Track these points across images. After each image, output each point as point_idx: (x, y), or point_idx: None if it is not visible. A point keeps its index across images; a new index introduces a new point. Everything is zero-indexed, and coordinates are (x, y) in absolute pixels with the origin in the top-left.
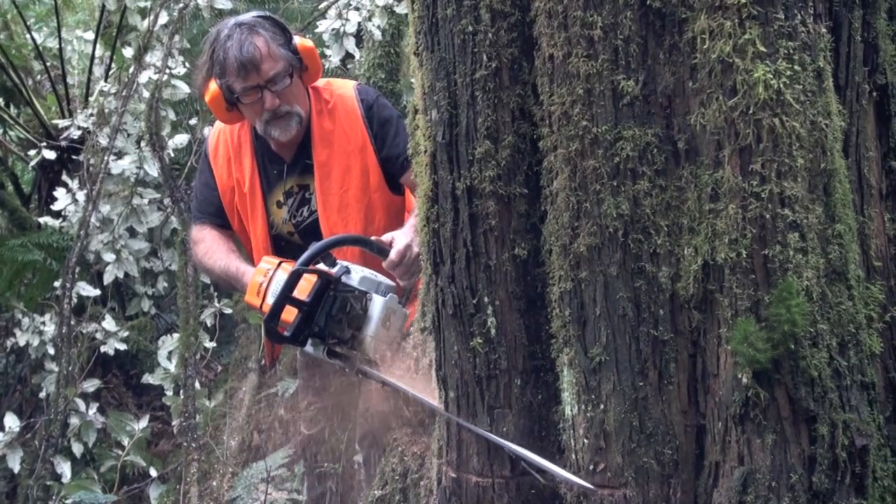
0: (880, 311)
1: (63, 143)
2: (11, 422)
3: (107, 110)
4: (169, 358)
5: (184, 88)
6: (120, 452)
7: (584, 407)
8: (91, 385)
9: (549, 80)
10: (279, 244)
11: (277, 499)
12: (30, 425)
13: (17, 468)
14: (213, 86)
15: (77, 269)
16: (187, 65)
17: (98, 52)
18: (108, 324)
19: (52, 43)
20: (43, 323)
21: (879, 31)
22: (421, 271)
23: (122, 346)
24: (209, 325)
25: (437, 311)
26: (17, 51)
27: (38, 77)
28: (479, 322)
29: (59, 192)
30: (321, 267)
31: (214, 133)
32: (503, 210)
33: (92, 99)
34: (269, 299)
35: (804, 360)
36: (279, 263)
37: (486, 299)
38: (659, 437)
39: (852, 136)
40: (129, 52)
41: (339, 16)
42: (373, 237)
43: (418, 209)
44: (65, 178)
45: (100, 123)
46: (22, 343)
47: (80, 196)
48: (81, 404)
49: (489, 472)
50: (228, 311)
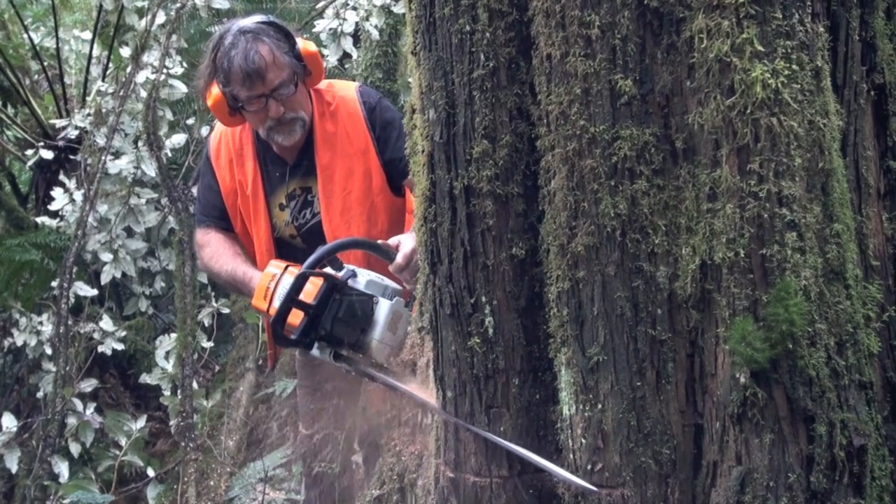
0: (878, 310)
1: (60, 143)
2: (9, 422)
3: (104, 110)
4: (166, 358)
5: (181, 88)
6: (117, 452)
7: (581, 407)
8: (88, 385)
9: (546, 80)
10: (281, 247)
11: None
12: (27, 425)
13: (14, 468)
14: (215, 90)
15: (74, 269)
16: (185, 64)
17: (95, 52)
18: (106, 324)
19: (50, 43)
20: (40, 323)
21: (877, 31)
22: None
23: (120, 346)
24: (206, 324)
25: (435, 311)
26: (15, 50)
27: (36, 77)
28: (476, 322)
29: (57, 192)
30: (328, 270)
31: (216, 135)
32: (501, 209)
33: (89, 99)
34: (275, 303)
35: (802, 359)
36: (286, 267)
37: (484, 299)
38: (657, 436)
39: (850, 136)
40: (126, 51)
41: (337, 15)
42: (379, 241)
43: (416, 209)
44: (62, 177)
45: (97, 123)
46: (19, 343)
47: (78, 196)
48: (79, 404)
49: (487, 471)
50: (226, 310)
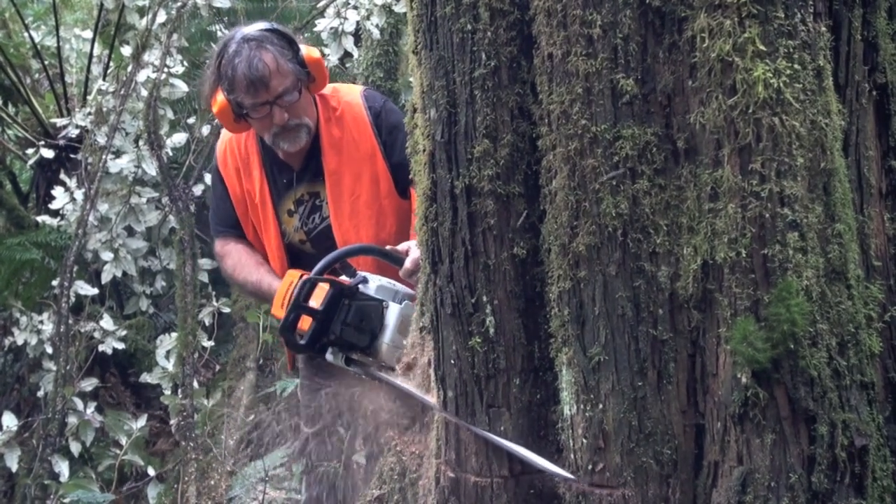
0: (880, 310)
1: (61, 142)
2: (9, 421)
3: (105, 109)
4: (167, 357)
5: (182, 87)
6: (118, 451)
7: (582, 406)
8: (89, 384)
9: (548, 79)
10: (292, 253)
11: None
12: (28, 424)
13: (14, 467)
14: (220, 97)
15: (75, 268)
16: (185, 63)
17: (96, 51)
18: (106, 323)
19: (51, 41)
20: (41, 322)
21: (879, 30)
22: None
23: (120, 345)
24: (207, 324)
25: (436, 311)
26: (16, 49)
27: (37, 76)
28: (477, 321)
29: (58, 191)
30: (342, 278)
31: (221, 144)
32: (502, 209)
33: (90, 98)
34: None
35: (804, 359)
36: (301, 275)
37: (485, 298)
38: (658, 436)
39: (852, 135)
40: (127, 50)
41: (338, 14)
42: (388, 247)
43: (417, 208)
44: (63, 176)
45: (98, 122)
46: (20, 342)
47: (79, 195)
48: (79, 403)
49: (488, 471)
50: (226, 310)
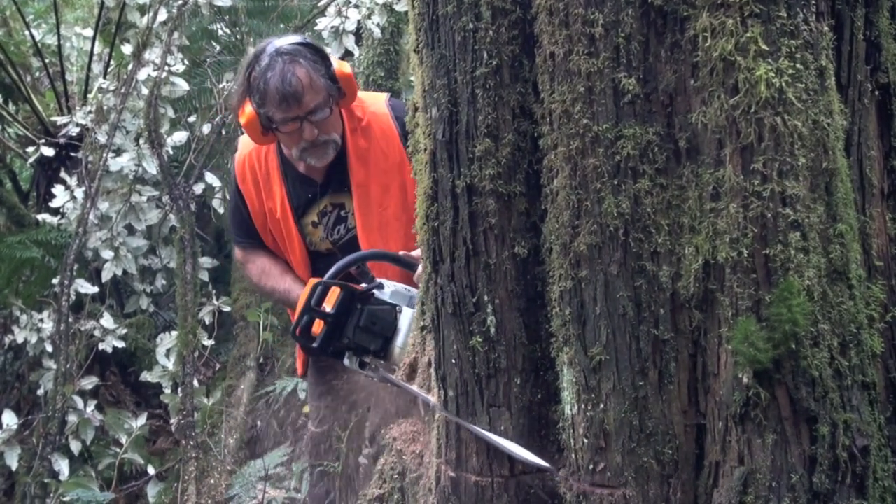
0: (881, 310)
1: (62, 141)
2: (9, 419)
3: (105, 107)
4: (167, 356)
5: (183, 86)
6: (118, 450)
7: (583, 406)
8: (89, 383)
9: (549, 78)
10: (318, 259)
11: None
12: (28, 423)
13: (14, 465)
14: (248, 109)
15: (75, 267)
16: (186, 62)
17: (97, 49)
18: (107, 321)
19: (51, 40)
20: (41, 320)
21: (882, 30)
22: None
23: (121, 344)
24: (207, 322)
25: (437, 310)
26: (16, 48)
27: (37, 74)
28: (478, 321)
29: (58, 190)
30: (364, 284)
31: (240, 157)
32: (503, 208)
33: (91, 96)
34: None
35: (805, 359)
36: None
37: (486, 298)
38: (659, 436)
39: (854, 135)
40: (128, 49)
41: (339, 13)
42: (401, 252)
43: (418, 207)
44: (63, 175)
45: (98, 120)
46: (20, 340)
47: (79, 193)
48: (79, 402)
49: (488, 471)
50: (227, 308)
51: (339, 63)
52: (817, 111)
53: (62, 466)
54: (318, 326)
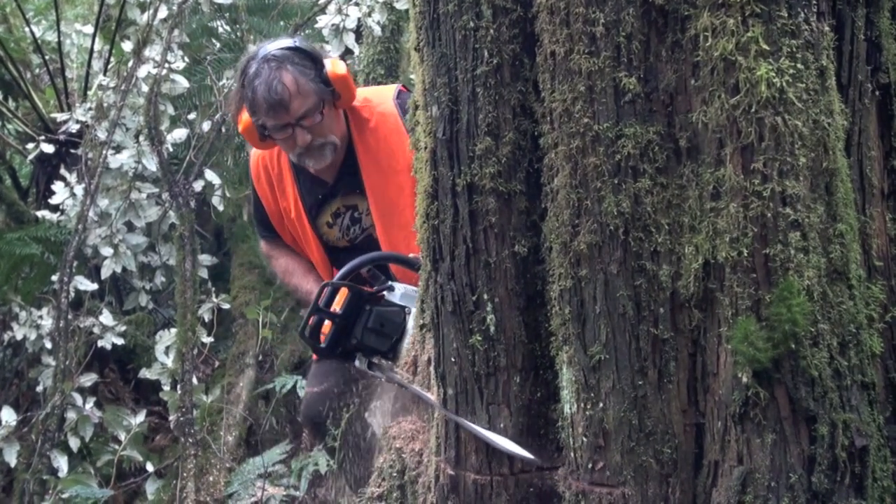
0: (881, 311)
1: (61, 137)
2: (8, 416)
3: (105, 104)
4: (166, 353)
5: (183, 83)
6: (116, 447)
7: (583, 405)
8: (88, 379)
9: (550, 77)
10: (339, 252)
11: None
12: (26, 419)
13: (13, 462)
14: (245, 117)
15: (74, 264)
16: (186, 59)
17: (97, 46)
18: (106, 318)
19: (51, 36)
20: (40, 317)
21: (883, 30)
22: None
23: (120, 341)
24: (206, 320)
25: (436, 308)
26: (16, 44)
27: (37, 70)
28: (478, 319)
29: (57, 186)
30: (376, 286)
31: (254, 158)
32: (503, 207)
33: (90, 93)
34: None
35: (804, 359)
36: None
37: (486, 296)
38: (658, 435)
39: (854, 135)
40: (128, 46)
41: (339, 11)
42: (411, 255)
43: (418, 205)
44: (63, 171)
45: (98, 117)
46: (19, 337)
47: (79, 190)
48: (78, 399)
49: (487, 469)
50: (226, 306)
51: (333, 64)
52: (818, 111)
53: (61, 463)
54: (327, 327)
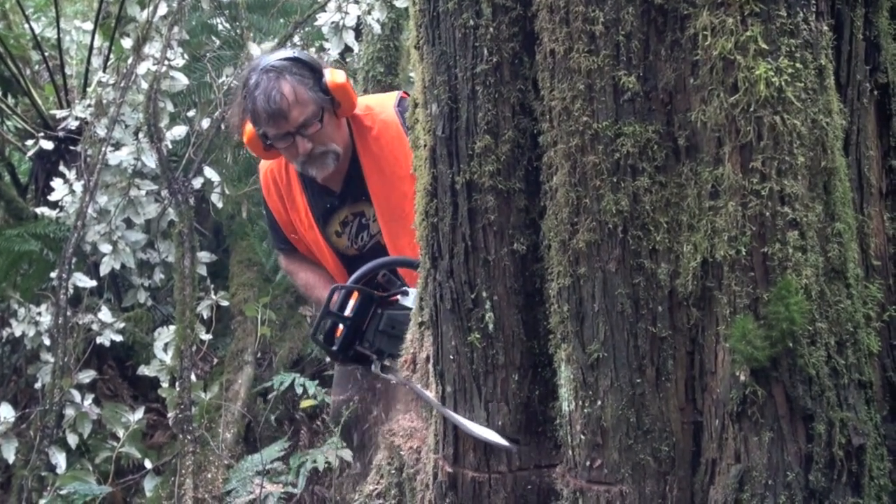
0: (879, 310)
1: (61, 134)
2: (6, 412)
3: (105, 101)
4: (165, 350)
5: (182, 80)
6: (115, 444)
7: (581, 403)
8: (86, 376)
9: (549, 76)
10: (351, 261)
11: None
12: (25, 416)
13: (11, 458)
14: (248, 128)
15: (73, 260)
16: (186, 56)
17: (97, 43)
18: (104, 315)
19: (51, 33)
20: (39, 313)
21: (881, 30)
22: None
23: (118, 338)
24: (205, 317)
25: (435, 306)
26: (16, 41)
27: (37, 67)
28: (477, 317)
29: (57, 183)
30: (392, 290)
31: (263, 169)
32: (502, 205)
33: (90, 90)
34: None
35: (802, 358)
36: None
37: (485, 294)
38: (656, 433)
39: (853, 135)
40: (127, 42)
41: (339, 9)
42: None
43: (417, 203)
44: (62, 168)
45: (98, 114)
46: (17, 333)
47: (78, 187)
48: (77, 395)
49: (485, 467)
50: (225, 303)
51: (332, 73)
52: (816, 110)
53: (59, 460)
54: (339, 331)
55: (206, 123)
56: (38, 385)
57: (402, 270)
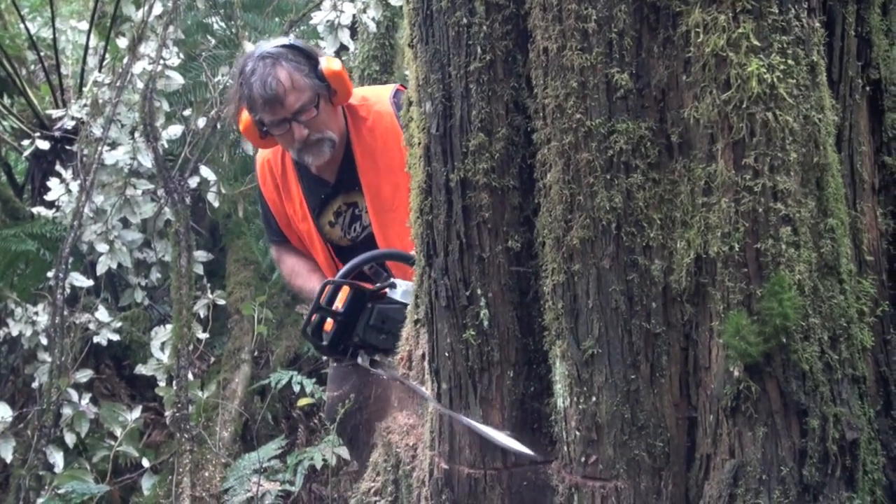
0: (872, 305)
1: (57, 134)
2: (4, 412)
3: (101, 101)
4: (162, 349)
5: (178, 79)
6: (112, 443)
7: (576, 399)
8: (84, 375)
9: (543, 73)
10: (343, 252)
11: (269, 490)
12: (22, 415)
13: (9, 458)
14: (245, 115)
15: (70, 260)
16: (182, 55)
17: (92, 43)
18: (102, 314)
19: (47, 33)
20: (36, 313)
21: (873, 26)
22: None
23: (115, 337)
24: (202, 316)
25: (430, 303)
26: (11, 40)
27: (32, 67)
28: (471, 314)
29: (53, 183)
30: (378, 282)
31: (260, 161)
32: (497, 202)
33: (86, 89)
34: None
35: (795, 353)
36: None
37: (479, 291)
38: (650, 429)
39: (845, 131)
40: (123, 42)
41: (334, 8)
42: (412, 251)
43: (412, 201)
44: (58, 168)
45: (94, 114)
46: (15, 333)
47: (74, 186)
48: (74, 395)
49: (481, 463)
50: (221, 302)
51: (328, 61)
52: (808, 107)
53: (57, 459)
54: (329, 325)
55: (201, 122)
56: (35, 384)
57: (391, 262)
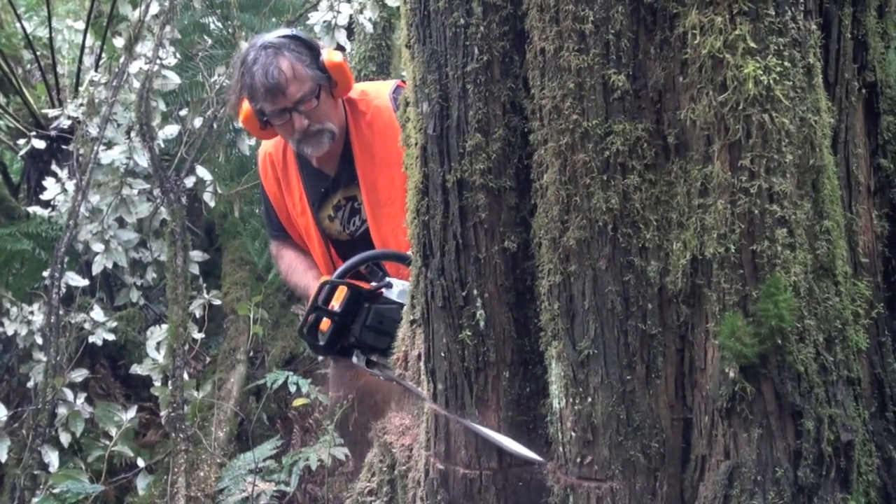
0: (867, 307)
1: (53, 133)
2: None
3: (97, 100)
4: (157, 349)
5: (174, 79)
6: (107, 443)
7: (571, 400)
8: (79, 375)
9: (540, 74)
10: (341, 247)
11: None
12: (17, 415)
13: (4, 457)
14: (245, 105)
15: (65, 259)
16: (178, 55)
17: (88, 42)
18: (97, 314)
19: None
20: (31, 312)
21: (869, 29)
22: None
23: (111, 337)
24: (198, 315)
25: (427, 304)
26: (7, 40)
27: (28, 66)
28: (468, 314)
29: (49, 182)
30: (374, 282)
31: (261, 154)
32: (493, 203)
33: (82, 89)
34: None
35: (791, 355)
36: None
37: (476, 292)
38: (646, 430)
39: (841, 133)
40: (119, 42)
41: (331, 8)
42: (408, 250)
43: (409, 201)
44: (54, 167)
45: (90, 113)
46: (10, 332)
47: (70, 186)
48: (69, 394)
49: (477, 463)
50: (217, 302)
51: (329, 53)
52: (805, 109)
53: (52, 458)
54: (325, 325)
55: (198, 122)
56: (30, 384)
57: (388, 262)
